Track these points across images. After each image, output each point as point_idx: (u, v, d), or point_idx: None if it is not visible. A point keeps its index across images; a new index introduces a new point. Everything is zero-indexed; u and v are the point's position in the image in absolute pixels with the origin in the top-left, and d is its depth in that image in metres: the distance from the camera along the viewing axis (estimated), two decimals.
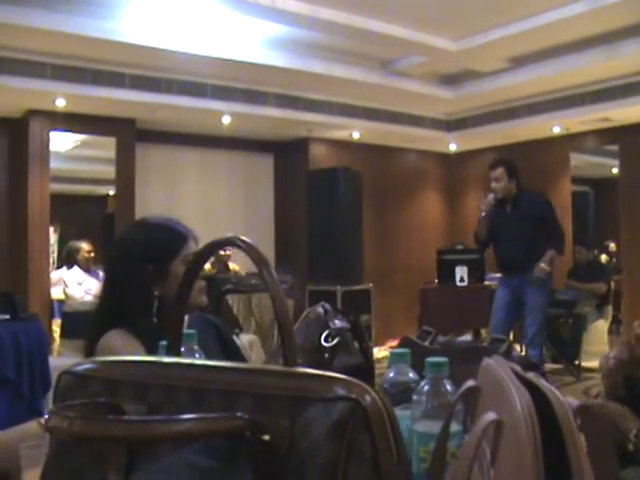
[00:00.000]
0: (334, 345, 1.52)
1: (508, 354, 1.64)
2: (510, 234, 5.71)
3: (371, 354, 1.57)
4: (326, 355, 1.51)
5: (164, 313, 2.02)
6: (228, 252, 8.10)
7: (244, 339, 6.11)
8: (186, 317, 1.80)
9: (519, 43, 7.12)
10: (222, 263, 8.13)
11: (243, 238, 0.86)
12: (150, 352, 1.89)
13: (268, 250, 9.62)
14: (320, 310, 1.63)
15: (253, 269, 9.04)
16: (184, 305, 0.93)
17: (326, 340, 1.53)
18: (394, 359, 1.21)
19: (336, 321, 1.58)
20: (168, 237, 2.09)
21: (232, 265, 8.22)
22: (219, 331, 2.33)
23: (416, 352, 1.23)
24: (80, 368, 0.81)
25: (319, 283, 8.21)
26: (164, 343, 1.49)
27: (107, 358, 0.83)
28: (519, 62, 7.87)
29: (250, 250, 0.84)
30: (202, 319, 2.25)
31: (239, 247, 0.85)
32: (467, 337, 5.47)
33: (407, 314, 9.29)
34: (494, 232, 5.86)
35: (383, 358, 8.03)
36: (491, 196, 5.75)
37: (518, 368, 0.77)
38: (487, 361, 0.85)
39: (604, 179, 10.22)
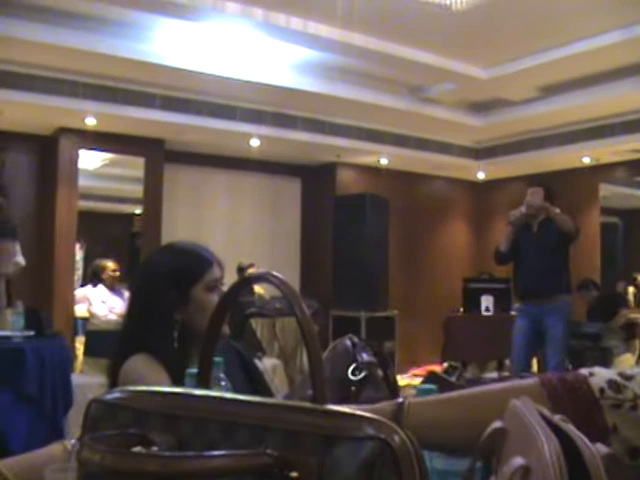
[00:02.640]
0: (361, 379, 1.51)
1: None
2: (531, 257, 5.62)
3: (398, 389, 1.55)
4: (353, 389, 1.50)
5: (185, 339, 2.02)
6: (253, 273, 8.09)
7: (267, 363, 6.11)
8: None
9: (550, 72, 7.10)
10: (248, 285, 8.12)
11: (276, 274, 0.89)
12: (173, 379, 1.89)
13: (293, 274, 9.63)
14: (348, 343, 1.63)
15: (277, 292, 8.99)
16: (216, 335, 0.94)
17: (353, 374, 1.53)
18: (420, 394, 1.21)
19: (364, 354, 1.57)
20: (191, 262, 2.09)
21: (256, 288, 8.21)
22: (243, 358, 2.33)
23: (442, 388, 1.22)
24: (110, 397, 0.82)
25: (343, 309, 8.23)
26: (193, 371, 1.50)
27: (137, 388, 0.84)
28: (550, 91, 7.85)
29: (283, 287, 0.86)
30: (226, 345, 2.24)
31: (272, 283, 0.88)
32: (493, 374, 5.42)
33: (431, 342, 9.23)
34: (516, 252, 5.79)
35: (406, 386, 7.98)
36: (523, 207, 5.71)
37: (546, 411, 0.77)
38: (514, 402, 0.85)
39: (634, 210, 10.12)
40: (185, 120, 7.42)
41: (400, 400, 0.97)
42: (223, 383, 1.76)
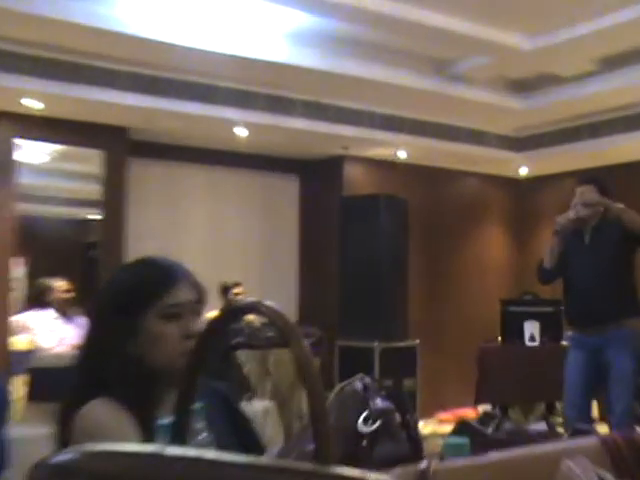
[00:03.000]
0: (374, 430, 1.51)
1: None
2: (586, 272, 5.56)
3: (420, 443, 1.54)
4: (364, 443, 1.50)
5: (147, 380, 2.01)
6: (240, 295, 8.11)
7: (257, 406, 6.09)
8: None
9: (611, 39, 7.06)
10: None
11: (268, 304, 0.90)
12: (141, 431, 1.88)
13: (290, 294, 9.64)
14: (358, 384, 1.62)
15: None
16: (194, 381, 0.95)
17: (365, 423, 1.53)
18: (449, 450, 1.20)
19: (377, 399, 1.56)
20: (143, 282, 2.07)
21: None
22: (227, 403, 2.32)
23: (475, 442, 1.22)
24: (58, 459, 0.81)
25: (352, 337, 8.23)
26: (164, 423, 1.49)
27: (94, 447, 0.82)
28: (611, 63, 7.83)
29: (276, 319, 0.87)
30: (208, 387, 2.24)
31: (262, 314, 0.89)
32: (540, 424, 5.34)
33: (462, 379, 9.19)
34: (564, 267, 5.76)
35: (431, 435, 7.96)
36: (572, 211, 5.68)
37: (609, 476, 0.77)
38: (568, 463, 0.85)
39: None
40: (154, 104, 7.40)
41: (423, 465, 0.96)
42: (203, 436, 1.76)
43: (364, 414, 1.52)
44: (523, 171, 10.63)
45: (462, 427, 1.67)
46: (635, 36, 7.00)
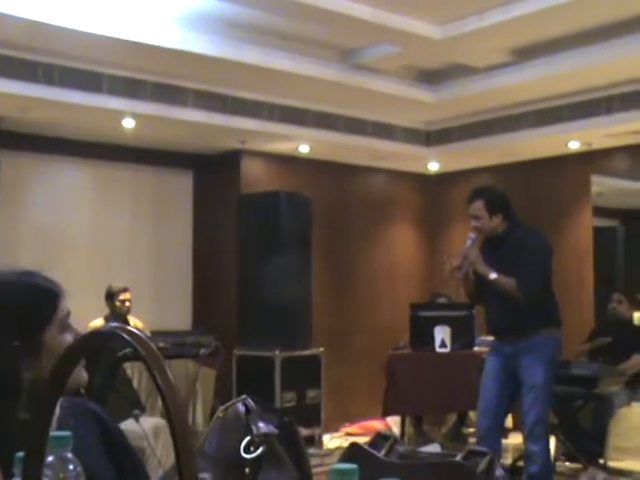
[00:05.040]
0: (258, 457, 1.47)
1: (489, 474, 1.58)
2: (496, 291, 5.70)
3: (309, 469, 1.51)
4: (247, 470, 1.45)
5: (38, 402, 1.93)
6: (127, 301, 8.01)
7: (147, 424, 6.03)
8: (57, 407, 1.72)
9: (525, 29, 7.13)
10: (119, 317, 8.00)
11: (131, 329, 0.91)
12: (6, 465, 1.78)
13: (183, 300, 9.59)
14: (240, 408, 1.59)
15: (163, 325, 9.01)
16: (52, 405, 0.97)
17: (247, 450, 1.48)
18: (336, 478, 1.14)
19: (260, 424, 1.53)
20: (34, 298, 2.00)
21: (133, 320, 8.11)
22: (104, 425, 2.24)
23: (366, 466, 1.17)
24: None
25: (252, 346, 8.24)
26: (20, 455, 1.40)
27: None
28: (525, 54, 7.92)
29: (139, 346, 0.87)
30: (78, 408, 2.15)
31: (123, 341, 0.89)
32: (435, 447, 5.38)
33: (370, 390, 9.23)
34: (480, 282, 5.83)
35: (336, 449, 7.97)
36: (471, 238, 5.78)
37: None
38: None
39: (637, 210, 10.28)
40: (29, 91, 7.25)
41: None
42: (71, 467, 1.67)
43: (246, 440, 1.49)
44: (433, 167, 10.73)
45: (352, 450, 1.64)
46: (548, 26, 7.08)
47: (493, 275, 5.57)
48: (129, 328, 0.92)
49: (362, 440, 1.75)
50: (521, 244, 5.69)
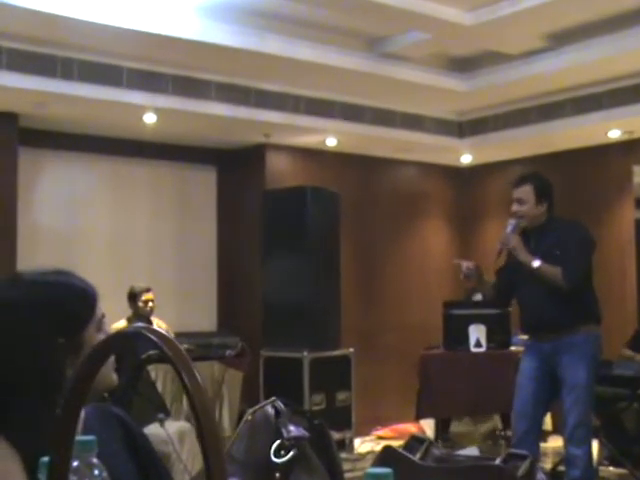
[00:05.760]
0: (288, 461, 1.46)
1: (530, 478, 1.56)
2: (534, 282, 5.61)
3: (341, 474, 1.50)
4: (277, 475, 1.45)
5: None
6: (150, 302, 8.03)
7: (172, 428, 6.06)
8: (82, 412, 1.73)
9: (561, 12, 7.09)
10: (143, 318, 8.02)
11: (156, 329, 0.92)
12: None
13: (207, 301, 9.61)
14: (269, 411, 1.58)
15: (187, 326, 9.04)
16: (77, 412, 0.96)
17: (277, 454, 1.48)
18: None
19: (291, 427, 1.52)
20: (76, 297, 2.08)
21: (157, 321, 8.12)
22: (128, 429, 2.26)
23: (401, 470, 1.16)
24: None
25: (279, 347, 8.21)
26: (45, 460, 1.41)
27: None
28: (561, 39, 7.89)
29: (164, 347, 0.89)
30: (102, 412, 2.18)
31: (152, 342, 0.91)
32: (473, 450, 5.33)
33: (402, 391, 9.22)
34: (514, 278, 5.80)
35: (367, 454, 7.97)
36: (512, 224, 5.72)
37: None
38: None
39: None
40: (47, 86, 7.29)
41: None
42: (96, 473, 1.69)
43: (276, 443, 1.48)
44: (466, 159, 10.70)
45: (386, 454, 1.62)
46: (584, 9, 7.05)
47: (537, 263, 5.48)
48: (154, 328, 0.94)
49: (395, 444, 1.74)
50: (565, 235, 5.65)
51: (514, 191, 5.74)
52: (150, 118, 8.15)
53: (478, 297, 8.90)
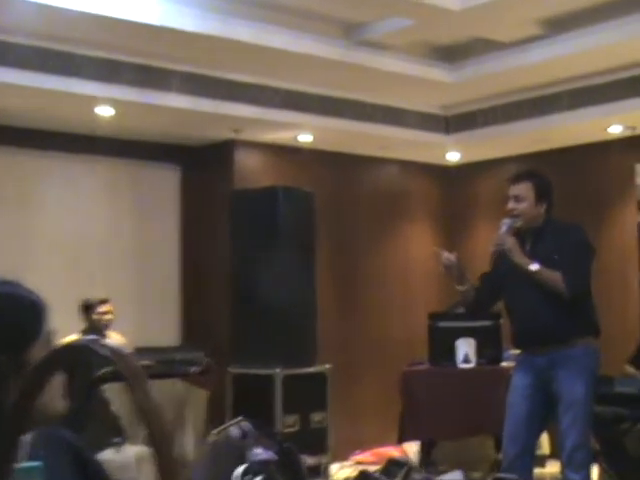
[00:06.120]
0: None
1: None
2: (529, 288, 5.60)
3: None
4: None
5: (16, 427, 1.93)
6: (107, 314, 7.99)
7: (129, 453, 6.04)
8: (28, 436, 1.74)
9: None
10: (98, 332, 7.98)
11: (108, 343, 0.95)
12: None
13: (170, 312, 9.60)
14: (234, 432, 1.59)
15: (147, 340, 8.95)
16: (17, 435, 0.99)
17: (243, 479, 1.47)
18: None
19: (258, 450, 1.52)
20: (21, 311, 2.08)
21: (113, 335, 8.08)
22: (78, 455, 2.25)
23: None
24: None
25: (248, 363, 8.21)
26: None
27: None
28: (557, 26, 7.91)
29: (117, 360, 0.91)
30: (50, 436, 2.16)
31: (98, 355, 0.95)
32: (456, 474, 5.32)
33: (383, 411, 9.25)
34: (502, 284, 5.80)
35: None
36: (506, 224, 5.71)
37: None
38: None
39: None
40: None
41: None
42: None
43: (242, 468, 1.48)
44: (453, 157, 10.73)
45: (362, 478, 1.63)
46: None
47: (535, 266, 5.46)
48: (105, 341, 0.96)
49: (375, 470, 1.74)
50: (564, 238, 5.66)
51: (511, 187, 5.72)
52: (105, 111, 8.13)
53: (462, 309, 8.91)
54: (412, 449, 8.45)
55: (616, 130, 9.24)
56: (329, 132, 9.37)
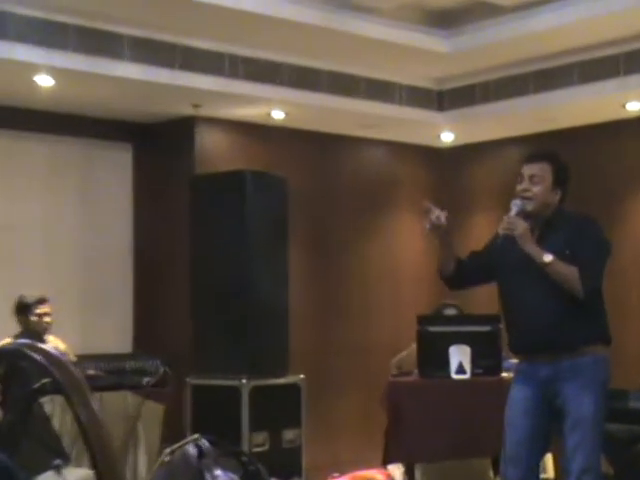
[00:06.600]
0: None
1: None
2: (531, 286, 5.54)
3: None
4: None
5: None
6: (46, 316, 7.92)
7: (71, 477, 5.95)
8: None
9: None
10: (35, 336, 7.91)
11: (44, 347, 1.05)
12: None
13: (121, 315, 9.59)
14: (191, 451, 1.56)
15: (95, 347, 8.93)
16: None
17: None
18: None
19: (217, 471, 1.49)
20: None
21: (53, 340, 8.02)
22: (9, 479, 2.27)
23: None
24: None
25: (211, 373, 8.22)
26: None
27: None
28: None
29: (52, 368, 0.83)
30: None
31: (32, 361, 0.91)
32: None
33: (365, 429, 9.32)
34: (495, 271, 5.76)
35: None
36: (517, 205, 5.63)
37: None
38: None
39: None
40: None
41: None
42: None
43: None
44: (447, 138, 10.76)
45: None
46: None
47: (549, 257, 5.37)
48: (41, 346, 0.92)
49: None
50: (577, 232, 5.61)
51: (527, 166, 5.67)
52: (45, 81, 8.08)
53: (450, 312, 8.90)
54: (398, 472, 8.43)
55: (634, 107, 9.26)
56: (305, 108, 9.39)
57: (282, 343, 8.47)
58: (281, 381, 8.34)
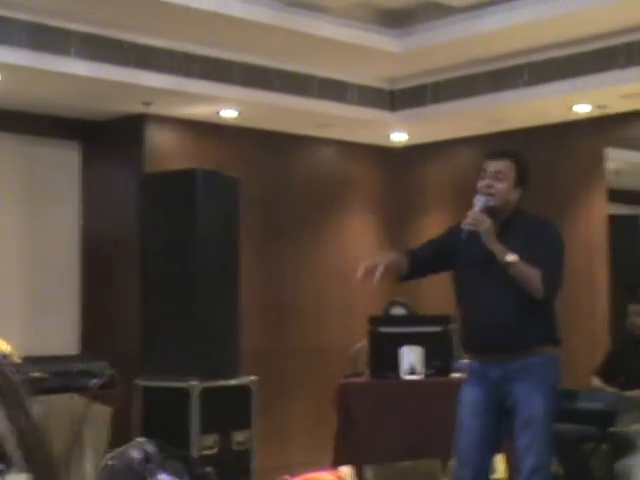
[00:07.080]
0: None
1: None
2: (486, 284, 5.59)
3: None
4: None
5: None
6: None
7: None
8: None
9: None
10: None
11: None
12: None
13: (68, 316, 9.52)
14: (135, 455, 1.51)
15: (39, 348, 8.82)
16: None
17: None
18: None
19: (162, 475, 1.44)
20: None
21: None
22: None
23: None
24: None
25: (160, 375, 8.17)
26: None
27: None
28: None
29: None
30: None
31: None
32: None
33: (316, 430, 9.32)
34: (451, 264, 5.79)
35: None
36: (481, 201, 5.57)
37: None
38: None
39: None
40: None
41: None
42: None
43: None
44: (399, 137, 10.76)
45: None
46: None
47: (512, 256, 5.39)
48: None
49: None
50: (535, 233, 5.66)
51: (490, 162, 5.66)
52: None
53: (398, 311, 8.87)
54: (349, 473, 8.38)
55: (583, 109, 9.33)
56: (257, 107, 9.38)
57: (233, 344, 8.45)
58: (232, 382, 8.31)
